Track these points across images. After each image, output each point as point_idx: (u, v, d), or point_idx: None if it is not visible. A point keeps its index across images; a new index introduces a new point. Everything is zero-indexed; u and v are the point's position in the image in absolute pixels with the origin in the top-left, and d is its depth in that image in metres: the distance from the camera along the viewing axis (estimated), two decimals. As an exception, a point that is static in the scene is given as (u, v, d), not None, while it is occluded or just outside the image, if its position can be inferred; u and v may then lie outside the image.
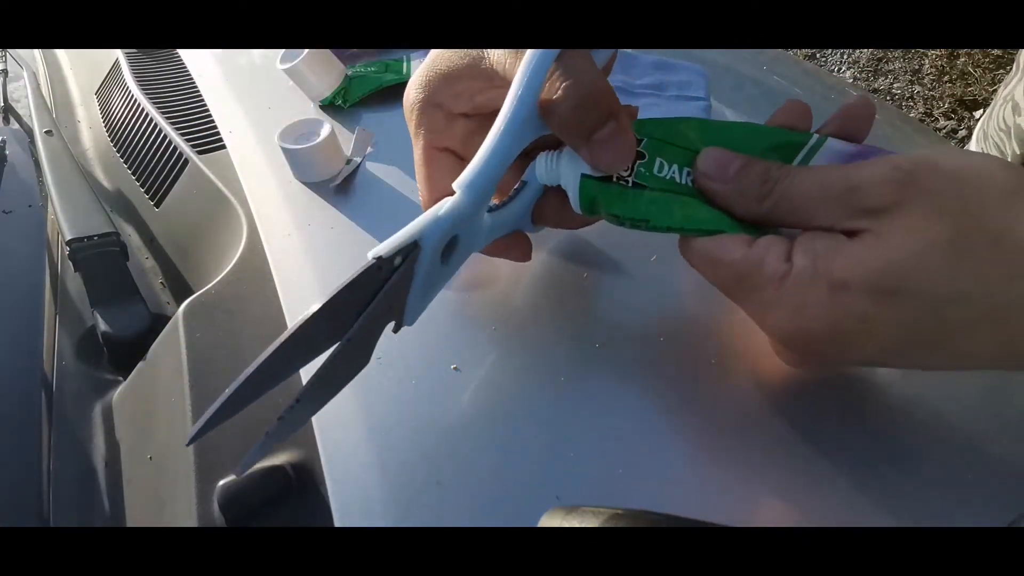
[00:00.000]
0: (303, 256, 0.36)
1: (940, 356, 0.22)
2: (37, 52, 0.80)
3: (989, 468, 0.25)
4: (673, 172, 0.26)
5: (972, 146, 0.60)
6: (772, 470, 0.25)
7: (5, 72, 0.73)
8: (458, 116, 0.30)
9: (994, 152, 0.55)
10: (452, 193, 0.26)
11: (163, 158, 0.51)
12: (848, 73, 2.10)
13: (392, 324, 0.26)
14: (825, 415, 0.26)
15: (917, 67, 2.05)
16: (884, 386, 0.27)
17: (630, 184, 0.26)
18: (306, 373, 0.24)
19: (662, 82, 0.49)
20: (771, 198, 0.24)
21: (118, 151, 0.57)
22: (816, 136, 0.25)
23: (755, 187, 0.24)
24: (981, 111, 1.85)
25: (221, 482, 0.28)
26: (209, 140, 0.50)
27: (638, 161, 0.26)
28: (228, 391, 0.20)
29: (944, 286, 0.21)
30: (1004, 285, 0.20)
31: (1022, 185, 0.21)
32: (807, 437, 0.26)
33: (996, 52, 2.00)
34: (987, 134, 0.58)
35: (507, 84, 0.25)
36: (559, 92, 0.24)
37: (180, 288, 0.45)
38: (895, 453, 0.25)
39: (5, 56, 0.79)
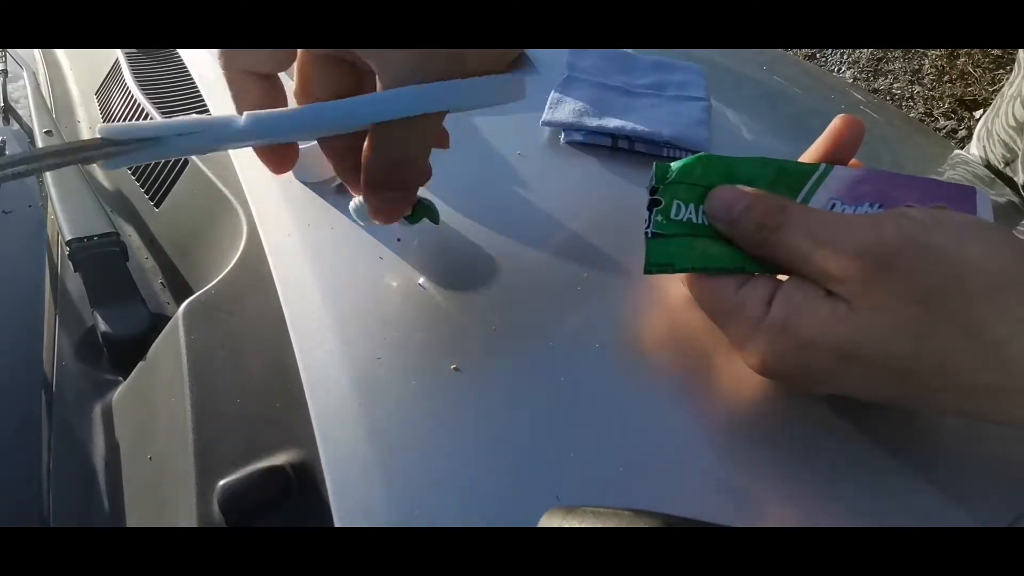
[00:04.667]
0: (303, 256, 0.35)
1: (906, 405, 0.25)
2: (37, 52, 0.80)
3: (989, 468, 0.25)
4: (690, 213, 0.28)
5: (972, 146, 0.60)
6: (772, 470, 0.25)
7: (5, 72, 0.73)
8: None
9: (999, 150, 0.55)
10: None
11: (163, 158, 0.51)
12: (848, 73, 2.10)
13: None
14: (825, 415, 0.26)
15: (917, 67, 2.05)
16: (884, 386, 0.27)
17: (649, 235, 0.28)
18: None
19: (662, 82, 0.49)
20: (766, 246, 0.25)
21: (118, 151, 0.57)
22: (823, 166, 0.26)
23: (751, 233, 0.25)
24: (981, 111, 1.85)
25: (221, 482, 0.28)
26: (209, 140, 0.50)
27: (655, 209, 0.28)
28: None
29: (909, 363, 0.22)
30: (972, 373, 0.21)
31: (1012, 282, 0.20)
32: (807, 437, 0.26)
33: (996, 52, 2.00)
34: (991, 132, 0.58)
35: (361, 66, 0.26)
36: (371, 156, 0.26)
37: (180, 288, 0.45)
38: (895, 453, 0.25)
39: (5, 56, 0.79)
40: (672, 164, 0.28)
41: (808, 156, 0.30)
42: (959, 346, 0.21)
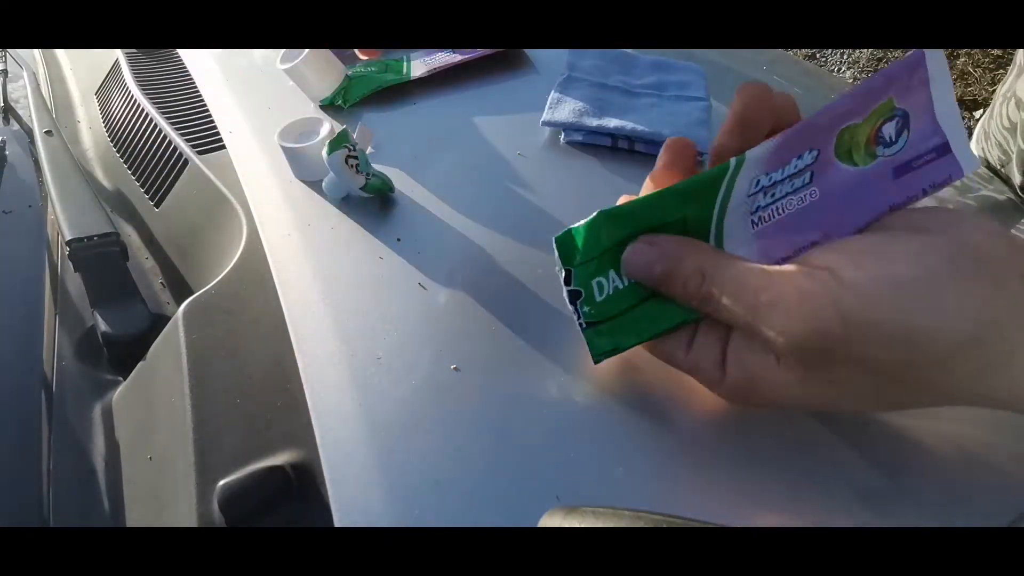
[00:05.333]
0: (303, 256, 0.36)
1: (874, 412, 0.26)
2: (37, 52, 0.80)
3: (989, 468, 0.25)
4: (614, 283, 0.26)
5: (972, 146, 0.60)
6: (772, 470, 0.25)
7: (5, 72, 0.73)
8: None
9: (996, 152, 0.55)
10: None
11: (163, 158, 0.51)
12: (848, 73, 2.10)
13: None
14: (825, 415, 0.26)
15: (917, 67, 2.05)
16: (884, 386, 0.27)
17: (583, 327, 0.27)
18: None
19: (662, 82, 0.49)
20: (699, 306, 0.24)
21: (118, 151, 0.57)
22: (733, 162, 0.24)
23: (682, 296, 0.24)
24: (981, 111, 1.85)
25: (221, 482, 0.28)
26: (209, 140, 0.50)
27: (577, 301, 0.26)
28: None
29: (867, 408, 0.24)
30: (922, 404, 0.22)
31: (960, 348, 0.19)
32: (807, 437, 0.26)
33: (996, 52, 2.00)
34: (988, 134, 0.58)
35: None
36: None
37: (180, 288, 0.45)
38: (895, 453, 0.25)
39: (5, 56, 0.79)
40: (574, 231, 0.25)
41: (724, 137, 0.26)
42: (912, 398, 0.22)
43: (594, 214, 0.25)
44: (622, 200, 0.27)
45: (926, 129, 0.25)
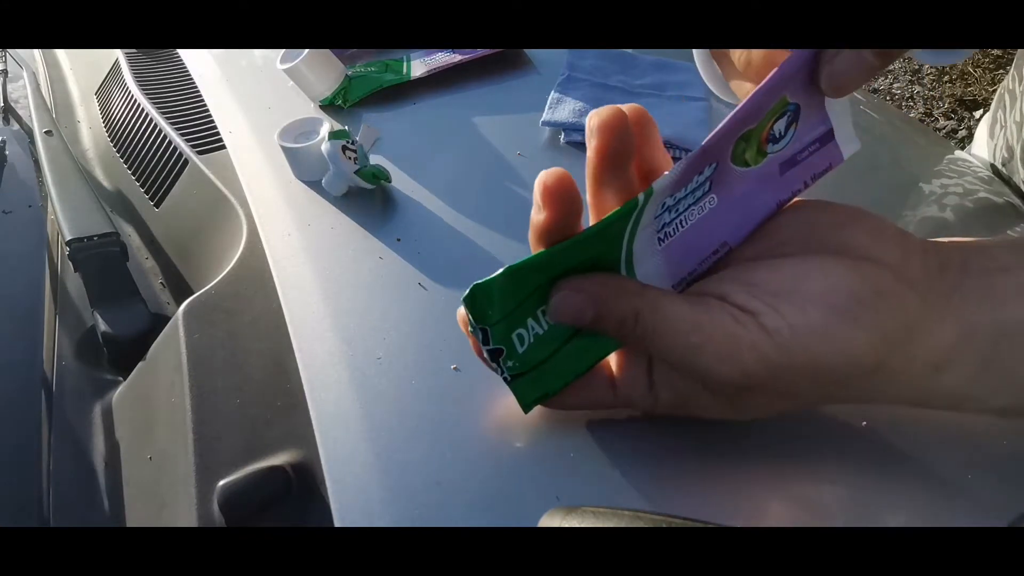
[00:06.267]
0: (303, 256, 0.36)
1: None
2: (37, 52, 0.80)
3: (989, 468, 0.25)
4: (535, 329, 0.25)
5: (983, 144, 0.60)
6: (772, 470, 0.25)
7: (5, 72, 0.73)
8: None
9: (1000, 151, 0.54)
10: None
11: (163, 158, 0.51)
12: (848, 73, 2.09)
13: None
14: (825, 415, 0.26)
15: (917, 67, 2.05)
16: (884, 386, 0.27)
17: (508, 380, 0.25)
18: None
19: (662, 82, 0.49)
20: (633, 345, 0.25)
21: (118, 151, 0.57)
22: (641, 197, 0.23)
23: (615, 331, 0.24)
24: (981, 111, 1.85)
25: (221, 482, 0.28)
26: (209, 140, 0.50)
27: (499, 358, 0.25)
28: None
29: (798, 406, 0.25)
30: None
31: (867, 371, 0.22)
32: (807, 437, 0.26)
33: (996, 52, 2.00)
34: (994, 131, 0.58)
35: None
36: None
37: (180, 288, 0.45)
38: (895, 453, 0.25)
39: (5, 56, 0.79)
40: (483, 287, 0.23)
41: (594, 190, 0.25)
42: (823, 402, 0.25)
43: (500, 270, 0.23)
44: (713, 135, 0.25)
45: (814, 119, 0.25)
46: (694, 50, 0.29)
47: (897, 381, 0.23)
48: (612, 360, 0.27)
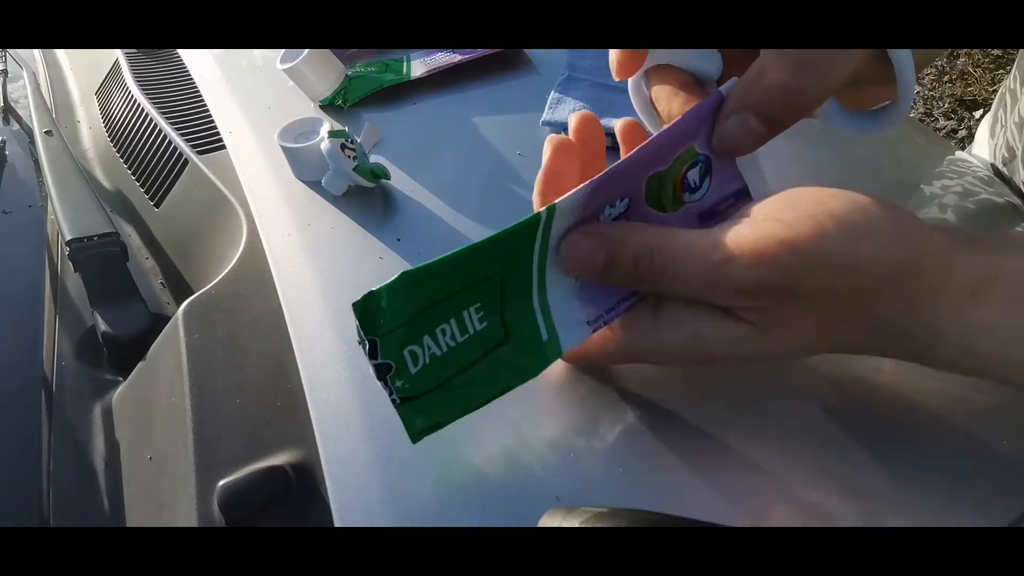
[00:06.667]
0: (303, 256, 0.36)
1: None
2: (37, 52, 0.80)
3: (989, 468, 0.25)
4: (430, 349, 0.23)
5: (985, 145, 0.60)
6: (772, 470, 0.25)
7: (5, 72, 0.73)
8: None
9: (1001, 151, 0.54)
10: None
11: (163, 158, 0.51)
12: (848, 73, 2.09)
13: None
14: (825, 415, 0.26)
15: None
16: (884, 386, 0.27)
17: (397, 402, 0.23)
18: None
19: (662, 82, 0.49)
20: (650, 284, 0.23)
21: (118, 151, 0.57)
22: (544, 212, 0.22)
23: (630, 278, 0.23)
24: (981, 111, 1.85)
25: (221, 482, 0.28)
26: (209, 140, 0.50)
27: (387, 375, 0.22)
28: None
29: (810, 352, 0.24)
30: (864, 347, 0.24)
31: (897, 271, 0.21)
32: (807, 437, 0.26)
33: (996, 52, 2.00)
34: (995, 131, 0.58)
35: None
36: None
37: (180, 288, 0.45)
38: (895, 453, 0.25)
39: (5, 56, 0.79)
40: (376, 294, 0.22)
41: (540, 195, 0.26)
42: (854, 334, 0.23)
43: (397, 275, 0.22)
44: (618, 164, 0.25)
45: (728, 173, 0.25)
46: (629, 79, 0.29)
47: (934, 302, 0.21)
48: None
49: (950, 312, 0.22)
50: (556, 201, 0.23)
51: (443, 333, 0.23)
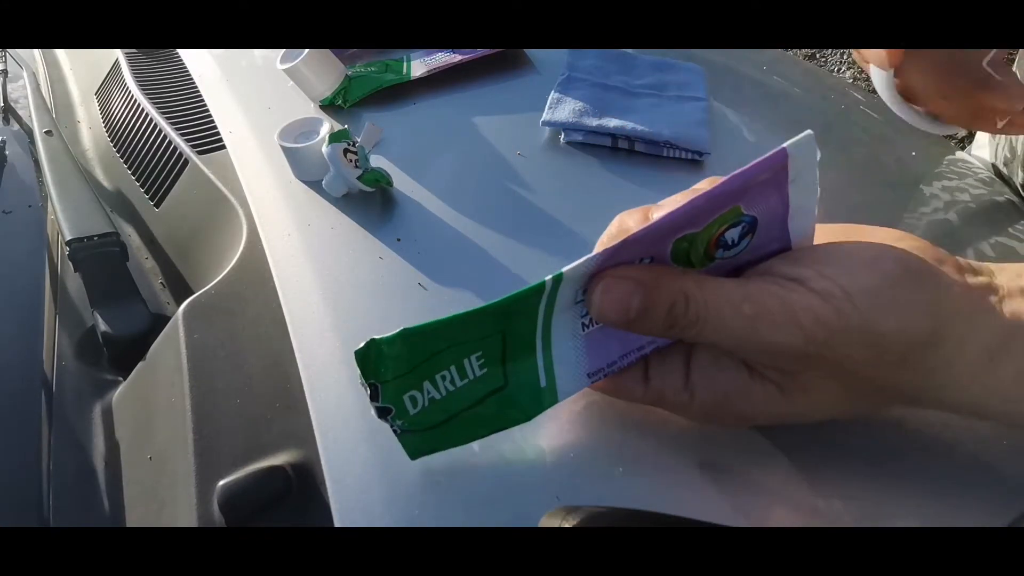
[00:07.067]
0: (303, 256, 0.35)
1: None
2: (37, 52, 0.80)
3: (989, 468, 0.25)
4: (429, 394, 0.23)
5: (985, 145, 0.59)
6: (772, 470, 0.25)
7: (5, 72, 0.73)
8: None
9: (1003, 151, 0.54)
10: None
11: (163, 158, 0.51)
12: (848, 73, 2.10)
13: None
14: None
15: (917, 67, 2.05)
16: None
17: (397, 432, 0.24)
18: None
19: (662, 82, 0.49)
20: (679, 333, 0.22)
21: (118, 151, 0.57)
22: (549, 280, 0.22)
23: (662, 326, 0.22)
24: (981, 111, 1.84)
25: (221, 482, 0.28)
26: (209, 140, 0.50)
27: (388, 416, 0.23)
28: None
29: (835, 415, 0.24)
30: (888, 406, 0.25)
31: (923, 340, 0.21)
32: (807, 437, 0.26)
33: (996, 52, 1.99)
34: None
35: None
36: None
37: (180, 288, 0.45)
38: (895, 453, 0.25)
39: (5, 56, 0.79)
40: (378, 343, 0.22)
41: None
42: (874, 398, 0.24)
43: (397, 330, 0.22)
44: (638, 213, 0.24)
45: (774, 234, 0.23)
46: (877, 73, 0.29)
47: (954, 367, 0.22)
48: (643, 362, 0.26)
49: (966, 375, 0.22)
50: (563, 270, 0.22)
51: (443, 379, 0.23)
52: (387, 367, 0.22)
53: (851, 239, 0.23)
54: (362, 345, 0.22)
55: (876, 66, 0.32)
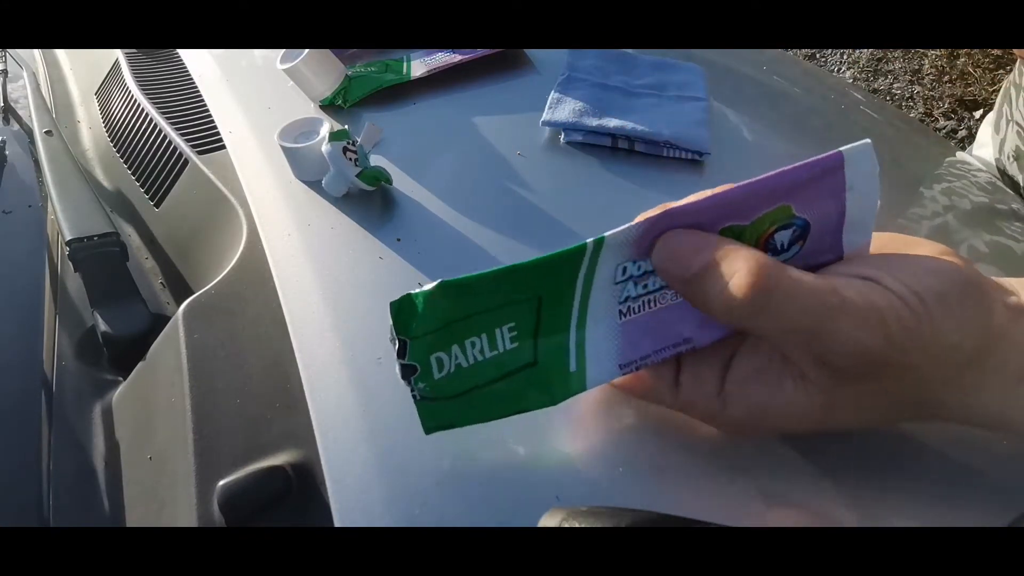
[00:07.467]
0: (303, 256, 0.35)
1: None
2: (37, 52, 0.80)
3: (989, 468, 0.25)
4: (457, 359, 0.23)
5: (988, 144, 0.59)
6: (772, 470, 0.25)
7: (5, 72, 0.73)
8: None
9: (1009, 147, 0.54)
10: None
11: (163, 158, 0.51)
12: (848, 73, 2.10)
13: None
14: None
15: (917, 67, 2.05)
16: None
17: (417, 398, 0.23)
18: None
19: (662, 82, 0.49)
20: (742, 311, 0.20)
21: (118, 151, 0.57)
22: (591, 243, 0.21)
23: (719, 290, 0.20)
24: (981, 111, 1.85)
25: (221, 482, 0.28)
26: (209, 140, 0.50)
27: (412, 376, 0.23)
28: None
29: (870, 425, 0.24)
30: (924, 418, 0.23)
31: (972, 359, 0.20)
32: (806, 437, 0.26)
33: (996, 52, 2.00)
34: (1000, 127, 0.57)
35: None
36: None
37: (180, 288, 0.45)
38: (895, 453, 0.25)
39: (5, 56, 0.79)
40: (414, 297, 0.22)
41: None
42: (910, 412, 0.22)
43: (436, 282, 0.22)
44: (657, 209, 0.22)
45: (824, 244, 0.23)
46: None
47: (988, 385, 0.21)
48: (682, 356, 0.24)
49: (997, 395, 0.21)
50: (606, 234, 0.21)
51: (472, 346, 0.23)
52: (418, 321, 0.22)
53: (903, 249, 0.22)
54: (397, 298, 0.22)
55: None
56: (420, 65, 0.52)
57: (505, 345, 0.23)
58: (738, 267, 0.20)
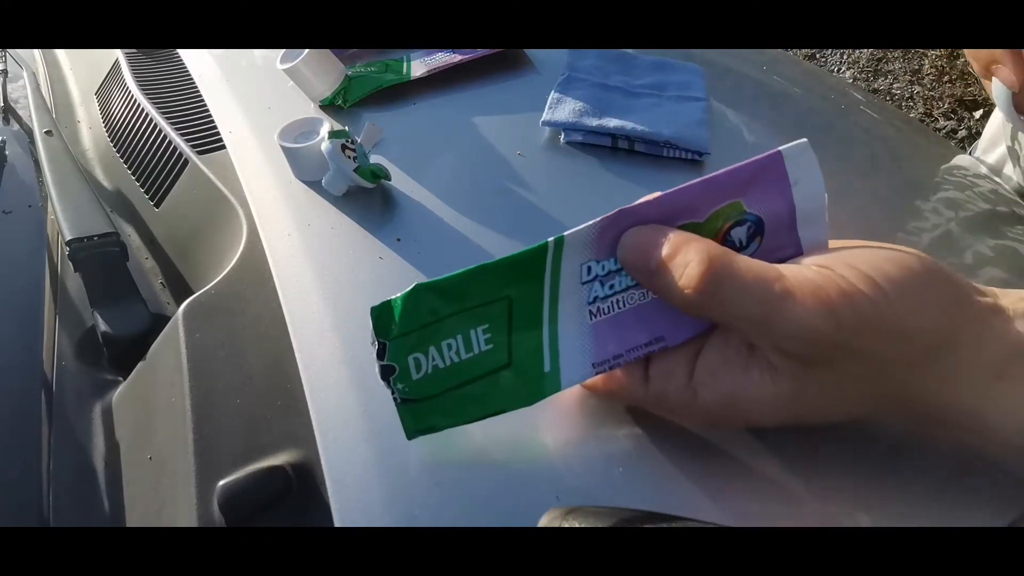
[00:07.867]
0: (303, 256, 0.35)
1: None
2: (37, 52, 0.80)
3: (989, 468, 0.25)
4: (434, 360, 0.23)
5: (986, 143, 0.59)
6: (772, 470, 0.25)
7: (5, 72, 0.73)
8: None
9: (1011, 150, 0.54)
10: None
11: (163, 158, 0.51)
12: (848, 73, 2.10)
13: None
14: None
15: (917, 67, 2.05)
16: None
17: (398, 401, 0.24)
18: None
19: (662, 82, 0.49)
20: (698, 300, 0.22)
21: (118, 151, 0.57)
22: (552, 241, 0.22)
23: (676, 281, 0.22)
24: (981, 111, 1.85)
25: (221, 482, 0.28)
26: (209, 140, 0.50)
27: (391, 377, 0.24)
28: None
29: (847, 417, 0.23)
30: (898, 415, 0.24)
31: (945, 341, 0.21)
32: (807, 437, 0.26)
33: (996, 52, 1.99)
34: (1003, 125, 0.57)
35: None
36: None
37: (180, 288, 0.45)
38: (895, 453, 0.25)
39: (5, 56, 0.79)
40: (393, 303, 0.23)
41: None
42: (883, 405, 0.23)
43: (412, 286, 0.23)
44: (640, 202, 0.24)
45: (781, 239, 0.23)
46: (999, 87, 0.30)
47: (962, 376, 0.21)
48: (643, 362, 0.25)
49: (971, 388, 0.22)
50: (565, 232, 0.22)
51: (448, 347, 0.24)
52: (396, 324, 0.23)
53: (867, 247, 0.22)
54: (378, 304, 0.23)
55: (1005, 84, 0.33)
56: (420, 65, 0.52)
57: (480, 347, 0.24)
58: (691, 257, 0.21)
